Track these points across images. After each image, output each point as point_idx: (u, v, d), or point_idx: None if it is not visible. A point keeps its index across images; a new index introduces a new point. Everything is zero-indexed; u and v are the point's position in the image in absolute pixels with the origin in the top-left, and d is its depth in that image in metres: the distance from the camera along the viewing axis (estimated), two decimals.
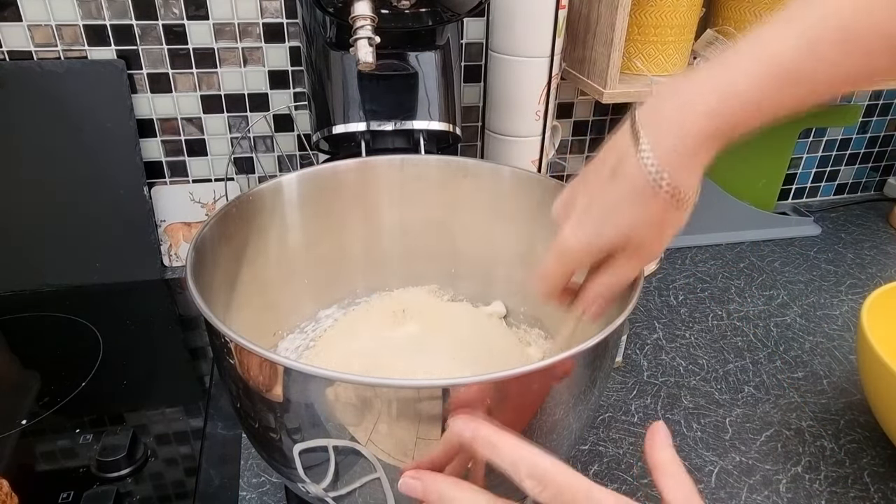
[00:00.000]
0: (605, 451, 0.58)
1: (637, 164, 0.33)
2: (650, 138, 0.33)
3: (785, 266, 0.88)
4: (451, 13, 0.61)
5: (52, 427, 0.57)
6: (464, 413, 0.33)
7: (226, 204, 0.50)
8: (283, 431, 0.39)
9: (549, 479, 0.30)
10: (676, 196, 0.33)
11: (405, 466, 0.36)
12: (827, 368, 0.69)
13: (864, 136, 1.04)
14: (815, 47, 0.30)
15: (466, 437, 0.32)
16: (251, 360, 0.36)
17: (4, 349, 0.67)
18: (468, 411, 0.33)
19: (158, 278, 0.79)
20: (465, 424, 0.32)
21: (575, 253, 0.37)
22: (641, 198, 0.33)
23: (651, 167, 0.33)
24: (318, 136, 0.66)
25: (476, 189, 0.59)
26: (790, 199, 1.07)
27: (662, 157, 0.33)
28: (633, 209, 0.34)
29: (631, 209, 0.34)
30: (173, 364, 0.67)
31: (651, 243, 0.36)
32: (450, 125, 0.66)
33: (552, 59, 0.69)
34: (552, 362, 0.35)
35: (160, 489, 0.52)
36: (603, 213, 0.35)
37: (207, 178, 0.82)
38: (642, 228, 0.35)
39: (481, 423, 0.32)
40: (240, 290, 0.51)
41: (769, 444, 0.59)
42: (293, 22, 0.75)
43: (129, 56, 0.73)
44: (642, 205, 0.34)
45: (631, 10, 0.67)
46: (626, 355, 0.70)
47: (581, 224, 0.36)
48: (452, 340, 0.56)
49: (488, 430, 0.32)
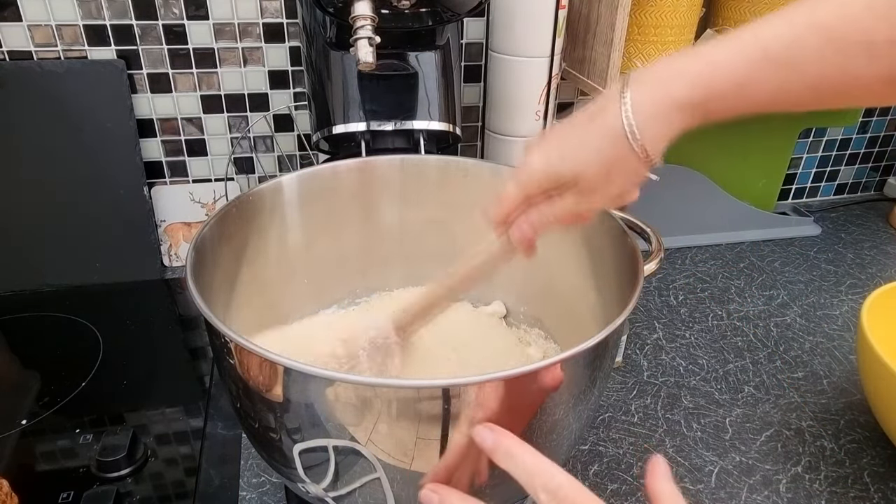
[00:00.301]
0: (605, 451, 0.58)
1: (617, 113, 0.34)
2: (635, 95, 0.34)
3: (785, 266, 0.88)
4: (451, 13, 0.61)
5: (52, 427, 0.57)
6: (473, 415, 0.34)
7: (226, 204, 0.50)
8: (283, 431, 0.39)
9: (563, 495, 0.31)
10: (643, 152, 0.35)
11: (424, 478, 0.37)
12: (827, 368, 0.69)
13: (864, 136, 1.04)
14: (799, 36, 0.31)
15: (487, 446, 0.34)
16: (251, 360, 0.36)
17: (4, 349, 0.67)
18: (477, 413, 0.34)
19: (158, 278, 0.79)
20: (487, 434, 0.34)
21: (535, 174, 0.38)
22: (612, 140, 0.35)
23: (629, 117, 0.34)
24: (318, 136, 0.66)
25: (476, 189, 0.59)
26: (790, 199, 1.07)
27: (640, 114, 0.34)
28: (600, 146, 0.35)
29: (599, 146, 0.35)
30: (173, 364, 0.67)
31: (603, 188, 0.37)
32: (450, 125, 0.66)
33: (552, 59, 0.69)
34: (552, 362, 0.35)
35: (160, 489, 0.52)
36: (571, 145, 0.37)
37: (207, 178, 0.82)
38: (601, 167, 0.36)
39: (503, 433, 0.34)
40: (240, 290, 0.52)
41: (769, 444, 0.59)
42: (293, 22, 0.75)
43: (129, 56, 0.73)
44: (610, 146, 0.35)
45: (631, 10, 0.67)
46: (626, 355, 0.70)
47: (547, 151, 0.38)
48: (452, 340, 0.56)
49: (509, 441, 0.33)
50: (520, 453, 0.33)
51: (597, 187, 0.36)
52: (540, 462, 0.32)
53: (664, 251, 0.49)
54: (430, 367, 0.51)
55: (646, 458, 0.57)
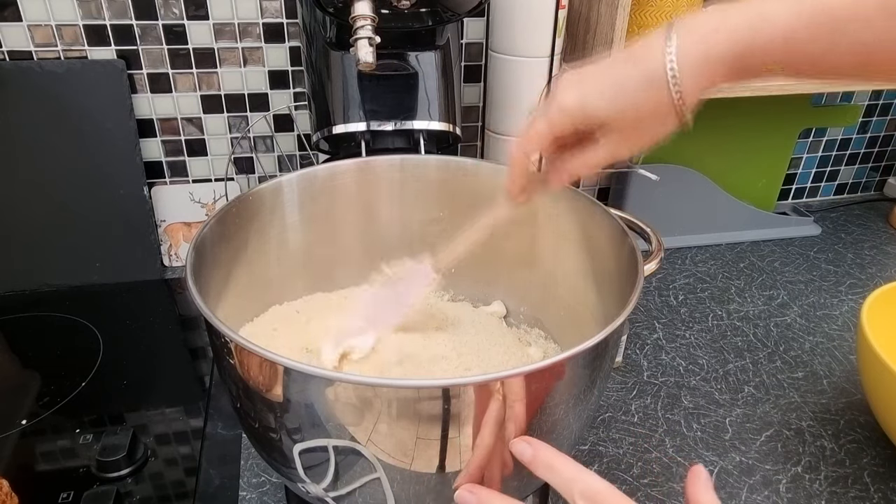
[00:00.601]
0: (605, 451, 0.58)
1: (661, 58, 0.34)
2: (682, 42, 0.33)
3: (785, 266, 0.88)
4: (451, 13, 0.61)
5: (52, 427, 0.57)
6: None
7: (226, 204, 0.50)
8: (283, 431, 0.39)
9: (602, 500, 0.32)
10: (680, 100, 0.34)
11: (459, 479, 0.37)
12: (827, 368, 0.69)
13: (864, 136, 1.04)
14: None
15: (526, 460, 0.35)
16: (251, 360, 0.36)
17: (4, 349, 0.67)
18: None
19: (158, 278, 0.79)
20: (525, 447, 0.35)
21: (569, 112, 0.37)
22: (650, 84, 0.34)
23: (673, 64, 0.33)
24: (318, 136, 0.66)
25: (476, 189, 0.59)
26: (790, 199, 1.07)
27: (685, 62, 0.33)
28: (637, 89, 0.34)
29: (636, 88, 0.34)
30: (173, 364, 0.67)
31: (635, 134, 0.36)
32: (450, 125, 0.66)
33: (552, 59, 0.69)
34: (552, 362, 0.35)
35: (160, 489, 0.52)
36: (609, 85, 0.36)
37: (207, 178, 0.82)
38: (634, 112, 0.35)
39: (541, 445, 0.35)
40: (240, 290, 0.51)
41: (769, 444, 0.59)
42: (293, 22, 0.75)
43: (129, 56, 0.73)
44: (647, 90, 0.34)
45: (631, 10, 0.67)
46: (626, 355, 0.70)
47: (583, 89, 0.36)
48: (452, 340, 0.56)
49: (546, 453, 0.35)
50: (559, 464, 0.34)
51: (628, 133, 0.36)
52: (578, 471, 0.33)
53: (664, 251, 0.49)
54: (429, 368, 0.51)
55: (646, 458, 0.57)
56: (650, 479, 0.55)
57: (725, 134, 0.90)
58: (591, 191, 0.96)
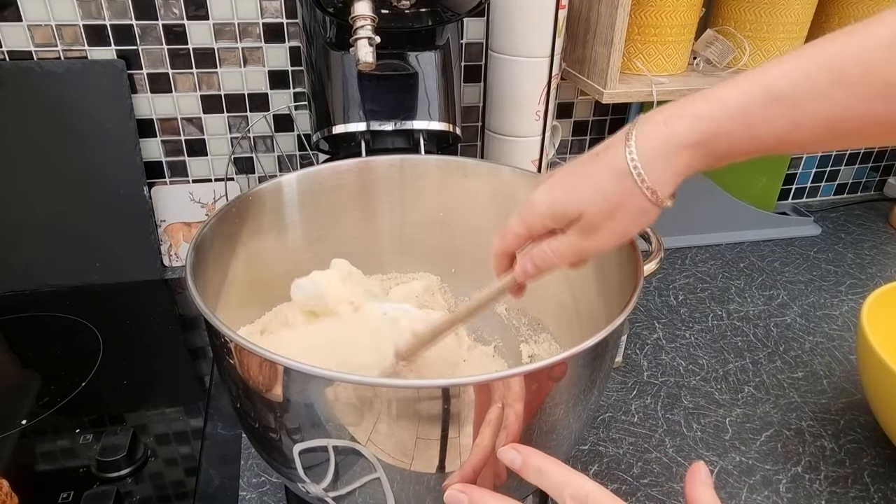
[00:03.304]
0: (605, 451, 0.58)
1: (622, 150, 0.34)
2: (640, 133, 0.34)
3: (785, 266, 0.88)
4: (451, 13, 0.61)
5: (52, 427, 0.57)
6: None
7: (226, 204, 0.50)
8: (283, 431, 0.39)
9: (592, 502, 0.32)
10: (650, 191, 0.34)
11: (450, 479, 0.37)
12: (827, 368, 0.69)
13: None
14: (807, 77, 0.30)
15: (516, 467, 0.35)
16: (251, 360, 0.36)
17: (4, 349, 0.67)
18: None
19: (158, 278, 0.79)
20: (514, 455, 0.35)
21: (537, 207, 0.38)
22: (616, 176, 0.34)
23: (633, 155, 0.34)
24: (318, 136, 0.66)
25: (476, 189, 0.59)
26: (790, 199, 1.07)
27: (644, 152, 0.34)
28: (604, 183, 0.35)
29: (603, 182, 0.35)
30: (173, 364, 0.67)
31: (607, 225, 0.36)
32: (450, 125, 0.66)
33: (552, 59, 0.69)
34: (552, 362, 0.35)
35: (160, 489, 0.52)
36: (575, 181, 0.36)
37: (207, 178, 0.82)
38: (605, 204, 0.35)
39: (529, 451, 0.35)
40: (240, 290, 0.51)
41: (769, 444, 0.59)
42: (293, 22, 0.75)
43: (129, 56, 0.73)
44: (614, 183, 0.35)
45: (631, 10, 0.67)
46: (626, 355, 0.70)
47: (552, 187, 0.37)
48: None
49: (536, 459, 0.35)
50: (548, 469, 0.34)
51: (600, 224, 0.36)
52: (569, 474, 0.33)
53: (664, 251, 0.49)
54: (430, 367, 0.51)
55: (646, 458, 0.57)
56: (650, 479, 0.55)
57: None
58: None
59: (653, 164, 0.34)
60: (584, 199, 0.36)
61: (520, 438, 0.37)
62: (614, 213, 0.35)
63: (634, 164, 0.34)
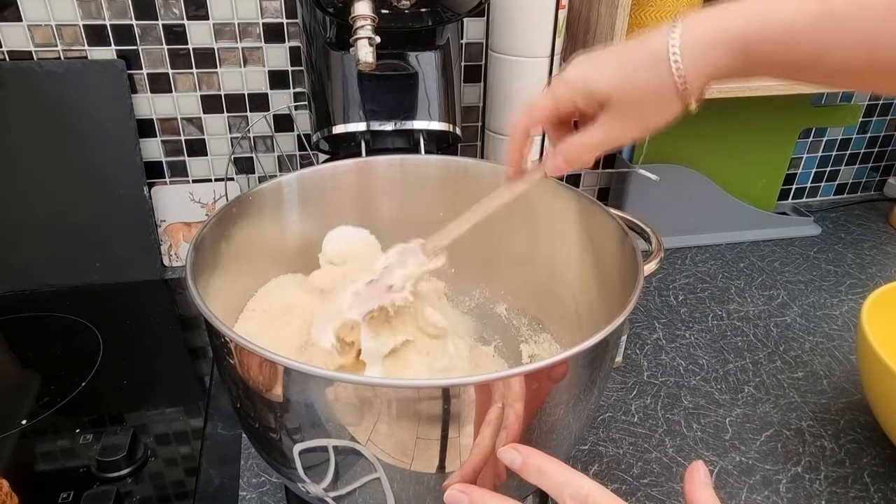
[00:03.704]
0: (605, 451, 0.58)
1: (664, 39, 0.34)
2: (686, 25, 0.34)
3: (785, 266, 0.88)
4: (451, 13, 0.61)
5: (52, 427, 0.57)
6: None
7: (226, 204, 0.50)
8: (283, 431, 0.39)
9: (592, 502, 0.32)
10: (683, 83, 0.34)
11: (450, 479, 0.37)
12: (827, 368, 0.69)
13: (864, 136, 1.04)
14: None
15: (516, 467, 0.35)
16: (251, 360, 0.36)
17: (4, 349, 0.67)
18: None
19: (158, 278, 0.79)
20: (514, 455, 0.35)
21: (570, 85, 0.38)
22: (652, 63, 0.35)
23: (674, 44, 0.34)
24: (318, 136, 0.66)
25: (476, 189, 0.58)
26: (790, 199, 1.07)
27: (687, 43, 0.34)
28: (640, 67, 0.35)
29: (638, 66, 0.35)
30: (173, 364, 0.67)
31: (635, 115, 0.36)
32: (450, 125, 0.66)
33: (552, 59, 0.69)
34: (552, 362, 0.35)
35: (160, 489, 0.52)
36: (611, 60, 0.37)
37: (207, 178, 0.82)
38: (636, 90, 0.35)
39: (529, 451, 0.35)
40: (240, 290, 0.51)
41: (769, 444, 0.59)
42: (293, 22, 0.75)
43: (129, 56, 0.73)
44: (648, 69, 0.35)
45: (631, 10, 0.67)
46: (626, 355, 0.70)
47: (587, 64, 0.37)
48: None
49: (536, 459, 0.34)
50: (548, 468, 0.34)
51: (628, 113, 0.36)
52: (569, 474, 0.33)
53: (664, 251, 0.49)
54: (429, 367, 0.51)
55: (646, 458, 0.57)
56: (650, 479, 0.55)
57: (725, 134, 0.90)
58: (592, 191, 0.96)
59: (691, 55, 0.34)
60: (616, 81, 0.36)
61: (520, 438, 0.37)
62: (643, 104, 0.36)
63: (674, 50, 0.34)
